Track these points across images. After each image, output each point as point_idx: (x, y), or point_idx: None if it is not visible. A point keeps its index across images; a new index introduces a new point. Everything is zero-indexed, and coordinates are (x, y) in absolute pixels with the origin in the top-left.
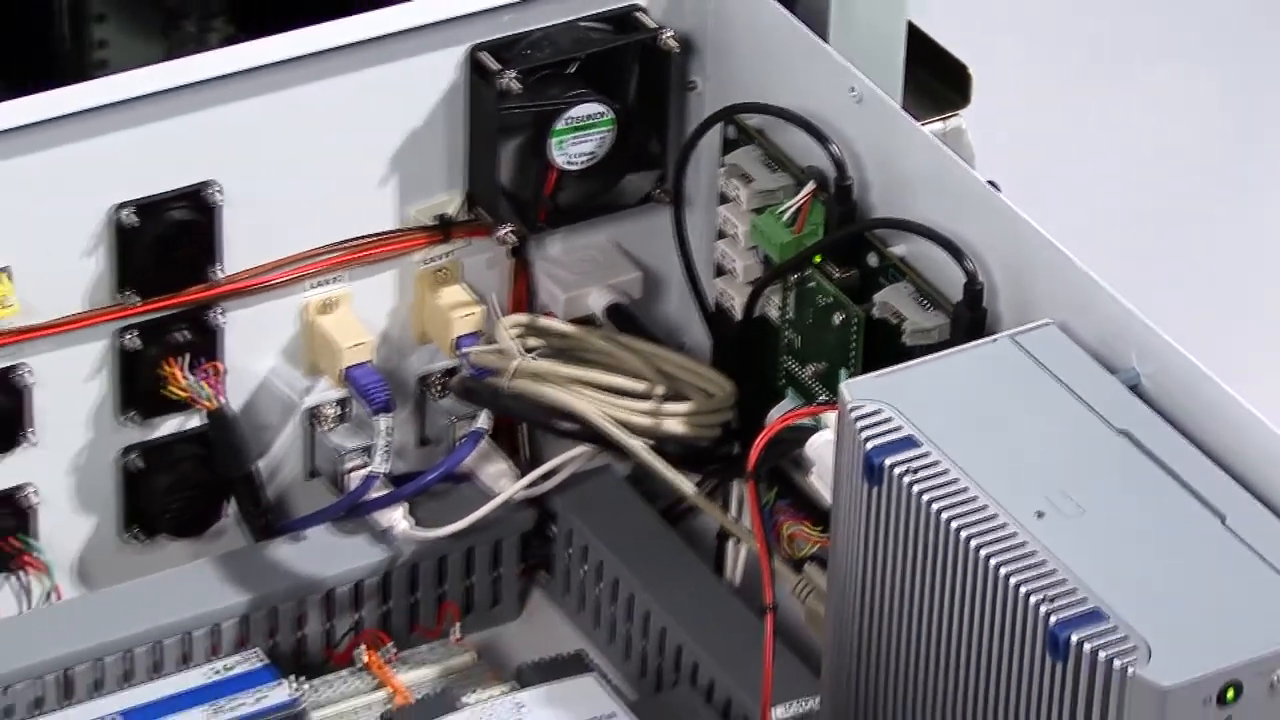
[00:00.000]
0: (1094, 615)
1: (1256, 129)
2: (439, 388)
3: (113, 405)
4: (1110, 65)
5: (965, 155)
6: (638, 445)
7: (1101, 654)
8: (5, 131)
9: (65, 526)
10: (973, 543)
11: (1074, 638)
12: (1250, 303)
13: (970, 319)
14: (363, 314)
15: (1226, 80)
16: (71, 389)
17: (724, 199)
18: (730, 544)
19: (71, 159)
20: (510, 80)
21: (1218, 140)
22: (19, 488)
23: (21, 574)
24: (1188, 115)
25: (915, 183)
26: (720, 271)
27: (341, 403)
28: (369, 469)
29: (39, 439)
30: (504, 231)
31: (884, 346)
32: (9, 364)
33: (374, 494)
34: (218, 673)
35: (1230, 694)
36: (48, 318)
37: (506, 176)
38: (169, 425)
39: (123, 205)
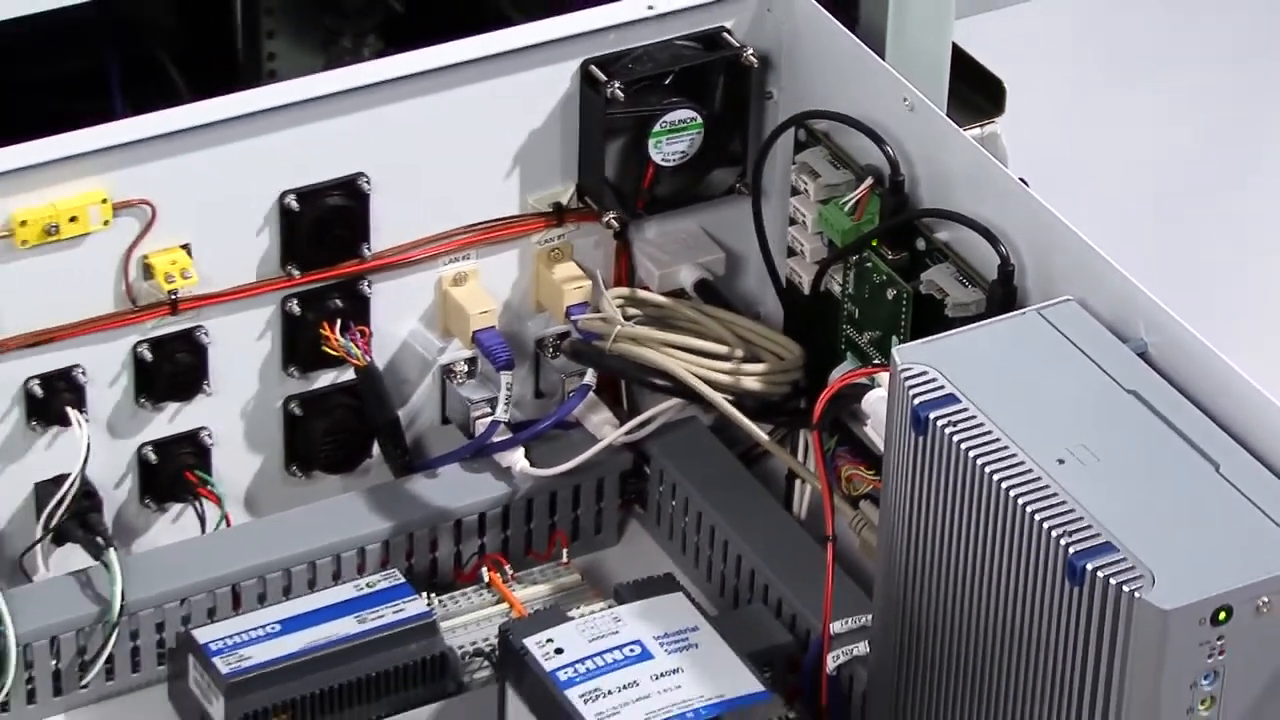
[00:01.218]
0: (1106, 547)
1: (1250, 135)
2: (553, 349)
3: (277, 361)
4: (1123, 81)
5: (1000, 156)
6: (720, 399)
7: (1113, 580)
8: (190, 129)
9: (236, 463)
10: (1003, 485)
11: (1089, 566)
12: (1241, 282)
13: (1003, 295)
14: (489, 286)
15: (1223, 94)
16: (242, 348)
17: (795, 191)
18: (797, 483)
19: (245, 153)
20: (616, 89)
21: (1216, 144)
22: (198, 430)
23: (199, 503)
24: (1191, 122)
25: (957, 179)
26: (791, 253)
27: (470, 361)
28: (493, 417)
29: (214, 389)
30: (609, 217)
31: (929, 318)
32: (190, 326)
33: (497, 438)
34: (362, 589)
35: (1222, 616)
36: (223, 287)
37: (611, 171)
38: (324, 378)
39: (287, 192)
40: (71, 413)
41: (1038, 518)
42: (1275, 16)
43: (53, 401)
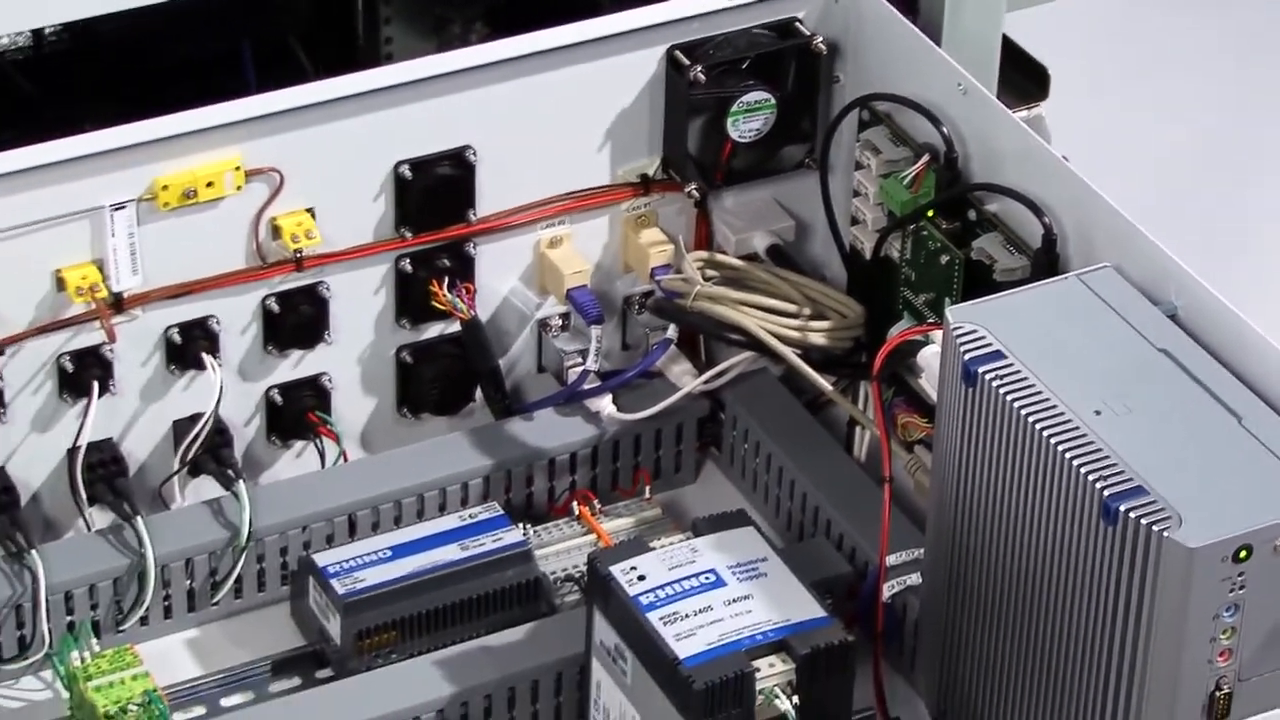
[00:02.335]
0: (1138, 491)
1: (1276, 120)
2: (639, 306)
3: (390, 314)
4: (1157, 67)
5: (1044, 135)
6: (789, 353)
7: (1144, 521)
8: (316, 105)
9: (353, 405)
10: (1045, 433)
11: (1122, 508)
12: (1265, 252)
13: (1046, 262)
14: (582, 248)
15: (1250, 82)
16: (359, 301)
17: (859, 166)
18: (858, 430)
19: (364, 126)
20: (698, 72)
21: (1244, 127)
22: (319, 375)
23: (319, 441)
24: (1220, 107)
25: (1005, 156)
26: (854, 221)
27: (564, 316)
28: (584, 366)
29: (334, 339)
30: (690, 188)
31: (979, 282)
32: (313, 281)
33: (587, 386)
34: (465, 519)
35: (1243, 554)
36: (343, 247)
37: (693, 146)
38: (433, 330)
39: (401, 162)
40: (206, 358)
41: (1076, 463)
42: None
43: (190, 348)
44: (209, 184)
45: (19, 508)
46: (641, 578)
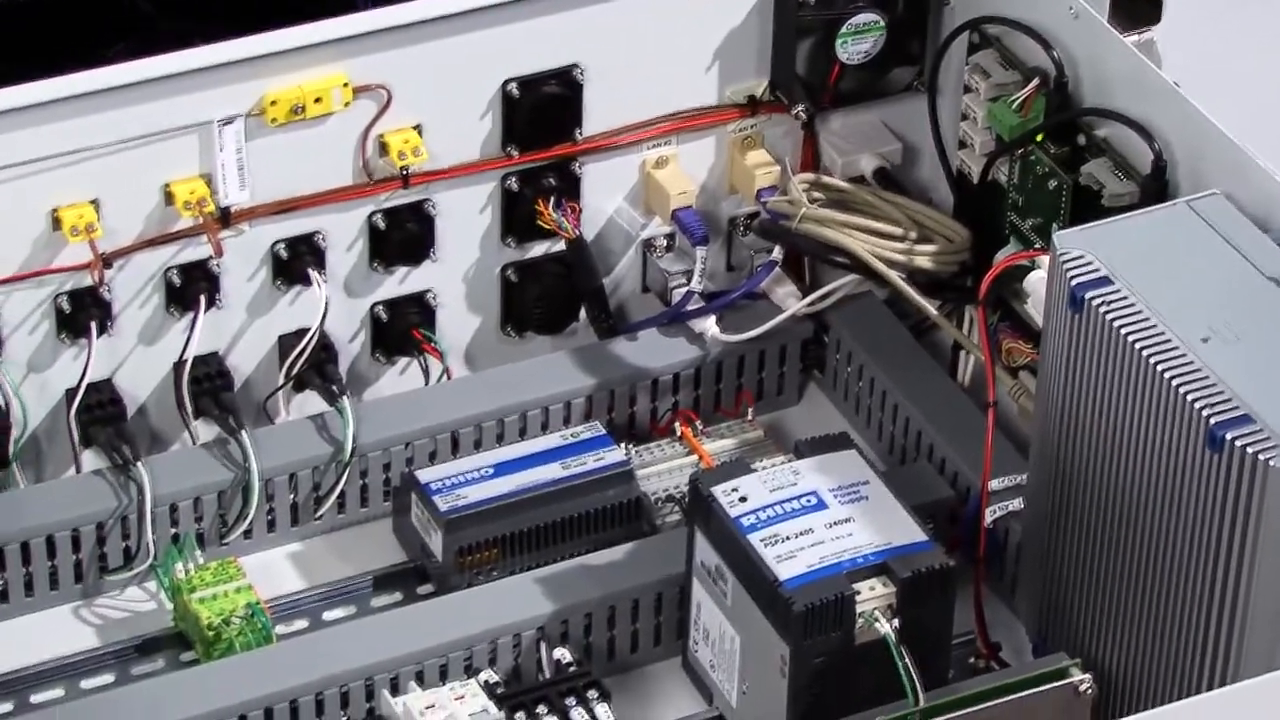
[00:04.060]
0: (1244, 419)
1: None
2: (744, 227)
3: (496, 232)
4: None
5: (1155, 60)
6: (894, 276)
7: (1250, 449)
8: (425, 21)
9: (457, 323)
10: (1152, 360)
11: (1228, 436)
12: None
13: (1155, 188)
14: (688, 169)
15: None
16: (465, 219)
17: (967, 89)
18: (962, 354)
19: (473, 44)
20: None
21: None
22: (424, 292)
23: (423, 358)
24: None
25: (1116, 81)
26: (962, 145)
27: (669, 236)
28: (688, 287)
29: (440, 256)
30: (797, 110)
31: (1087, 207)
32: (419, 199)
33: (691, 306)
34: (567, 438)
35: None
36: (449, 164)
37: (801, 67)
38: (538, 249)
39: (509, 80)
40: (312, 273)
41: (1182, 390)
42: None
43: (296, 263)
44: (317, 100)
45: (125, 420)
46: (743, 499)
